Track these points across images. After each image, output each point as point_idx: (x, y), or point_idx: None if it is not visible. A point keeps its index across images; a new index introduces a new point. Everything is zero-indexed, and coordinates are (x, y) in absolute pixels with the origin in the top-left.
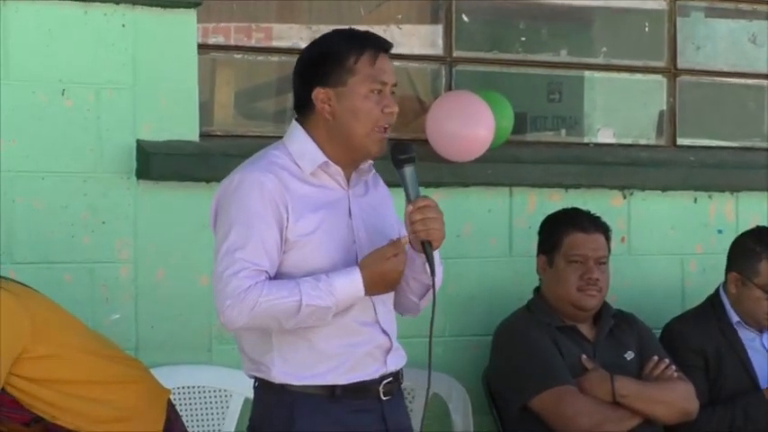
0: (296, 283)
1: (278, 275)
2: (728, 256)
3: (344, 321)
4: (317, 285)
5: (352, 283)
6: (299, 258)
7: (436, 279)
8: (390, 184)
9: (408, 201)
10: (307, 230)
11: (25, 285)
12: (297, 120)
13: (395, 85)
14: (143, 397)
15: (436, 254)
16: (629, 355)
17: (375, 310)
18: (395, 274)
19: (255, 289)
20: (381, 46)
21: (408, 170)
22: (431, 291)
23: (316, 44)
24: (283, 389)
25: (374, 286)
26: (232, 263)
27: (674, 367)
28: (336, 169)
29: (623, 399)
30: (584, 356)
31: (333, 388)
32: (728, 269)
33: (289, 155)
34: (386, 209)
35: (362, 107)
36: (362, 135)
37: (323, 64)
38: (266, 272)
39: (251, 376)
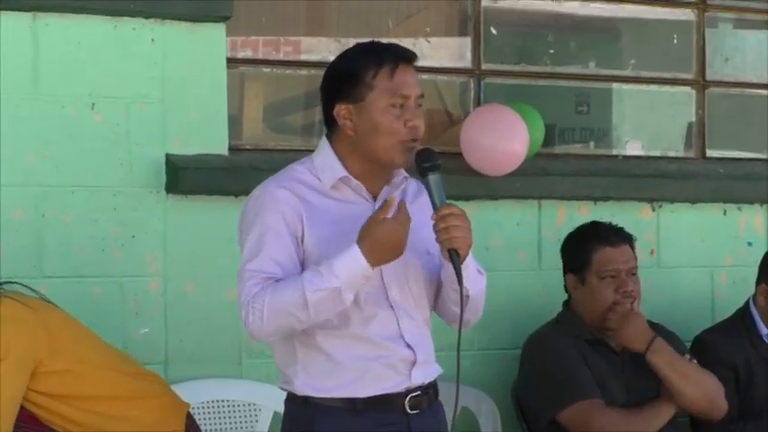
0: (298, 276)
1: None
2: (759, 268)
3: (365, 335)
4: (318, 270)
5: (351, 257)
6: None
7: (479, 288)
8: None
9: (434, 209)
10: (322, 243)
11: (45, 300)
12: (326, 135)
13: (420, 96)
14: (163, 412)
15: (474, 263)
16: None
17: (399, 324)
18: (395, 234)
19: (262, 293)
20: (401, 57)
21: (433, 178)
22: (475, 301)
23: (337, 60)
24: (306, 401)
25: (378, 255)
26: (242, 276)
27: (695, 361)
28: (357, 183)
29: (655, 355)
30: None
31: (353, 401)
32: (759, 281)
33: (312, 169)
34: (424, 221)
35: (382, 121)
36: (384, 148)
37: (342, 80)
38: (275, 278)
39: (282, 389)
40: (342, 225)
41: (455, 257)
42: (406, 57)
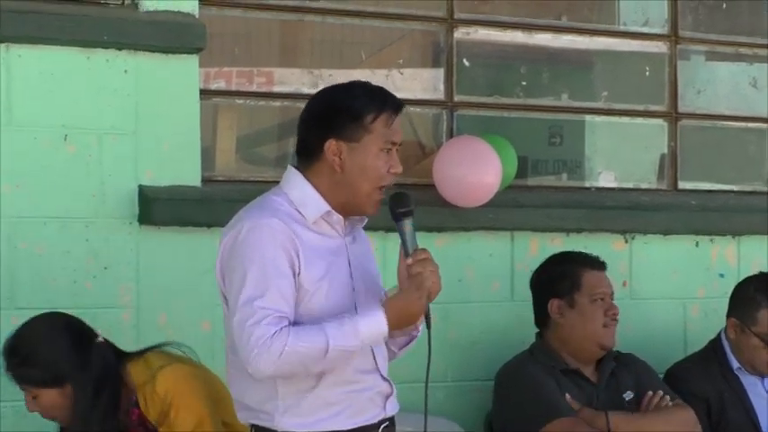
0: (320, 327)
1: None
2: (730, 301)
3: (348, 369)
4: (342, 328)
5: (377, 323)
6: (308, 305)
7: (418, 332)
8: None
9: (407, 253)
10: (316, 277)
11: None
12: (295, 166)
13: (400, 144)
14: None
15: None
16: (628, 395)
17: (375, 358)
18: (421, 311)
19: (281, 335)
20: (398, 107)
21: (407, 223)
22: (411, 342)
23: (332, 94)
24: None
25: (401, 325)
26: (252, 313)
27: (668, 397)
28: (338, 218)
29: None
30: (567, 396)
31: None
32: (728, 314)
33: (290, 202)
34: (371, 256)
35: (372, 165)
36: (366, 192)
37: (340, 116)
38: (287, 317)
39: (249, 424)
40: (327, 260)
41: (426, 302)
42: (402, 106)
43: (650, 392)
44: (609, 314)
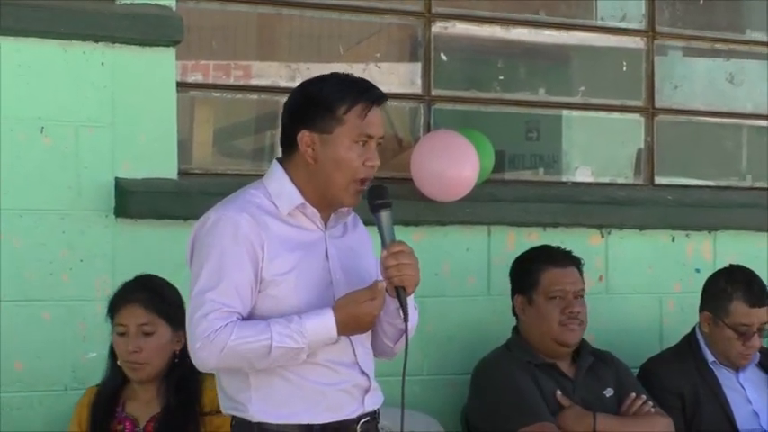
0: (266, 324)
1: (252, 316)
2: (702, 294)
3: (323, 362)
4: (289, 326)
5: (324, 325)
6: (274, 298)
7: (410, 324)
8: (369, 223)
9: (383, 245)
10: (282, 270)
11: None
12: (278, 159)
13: (381, 137)
14: None
15: (411, 298)
16: (609, 392)
17: (354, 351)
18: (369, 317)
19: (225, 330)
20: (375, 99)
21: (384, 215)
22: (408, 334)
23: (310, 85)
24: (260, 427)
25: (347, 328)
26: (202, 304)
27: (650, 403)
28: (313, 211)
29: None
30: (558, 393)
31: (310, 427)
32: (701, 308)
33: (267, 194)
34: (364, 250)
35: (345, 157)
36: (340, 185)
37: (313, 107)
38: (237, 312)
39: (229, 414)
40: (299, 253)
41: (402, 294)
42: (381, 99)
43: (633, 395)
44: (566, 312)
